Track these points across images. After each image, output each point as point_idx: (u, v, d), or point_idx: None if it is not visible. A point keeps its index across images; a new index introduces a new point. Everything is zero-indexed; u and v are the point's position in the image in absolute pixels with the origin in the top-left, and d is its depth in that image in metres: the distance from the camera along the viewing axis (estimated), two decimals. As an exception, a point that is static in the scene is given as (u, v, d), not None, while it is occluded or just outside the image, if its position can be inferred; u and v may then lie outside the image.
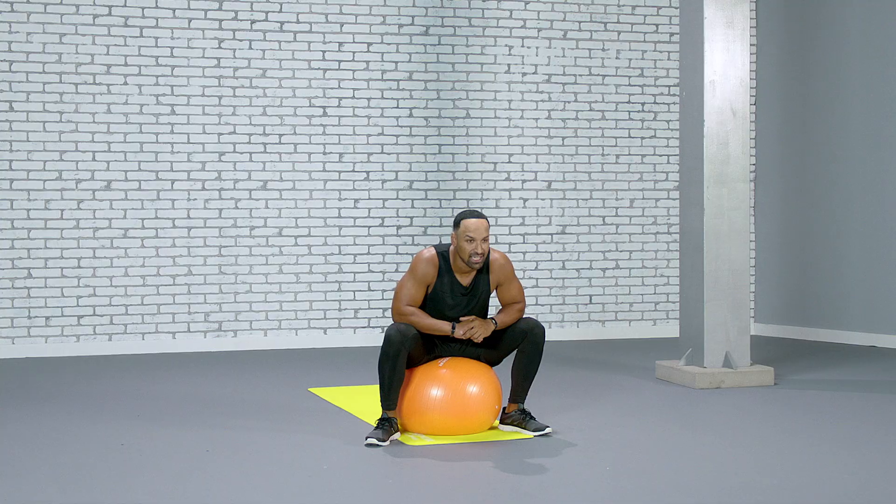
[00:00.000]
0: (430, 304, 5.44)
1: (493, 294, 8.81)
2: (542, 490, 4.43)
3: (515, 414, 5.56)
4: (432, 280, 5.41)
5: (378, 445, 5.25)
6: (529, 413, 5.58)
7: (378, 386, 5.46)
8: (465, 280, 5.45)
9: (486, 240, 5.33)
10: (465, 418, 5.42)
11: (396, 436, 5.39)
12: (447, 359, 5.52)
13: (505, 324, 5.43)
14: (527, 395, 5.61)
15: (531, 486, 4.50)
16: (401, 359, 5.32)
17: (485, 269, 5.48)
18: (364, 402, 6.51)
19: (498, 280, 5.52)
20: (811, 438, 5.43)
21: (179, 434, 5.60)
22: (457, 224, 5.36)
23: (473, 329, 5.34)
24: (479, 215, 5.34)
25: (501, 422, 5.64)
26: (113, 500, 4.32)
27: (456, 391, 5.38)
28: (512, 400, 5.59)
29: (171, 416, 6.10)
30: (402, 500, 4.30)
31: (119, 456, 5.10)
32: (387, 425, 5.35)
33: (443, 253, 5.44)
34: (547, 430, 5.46)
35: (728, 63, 7.13)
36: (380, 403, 5.56)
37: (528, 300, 9.81)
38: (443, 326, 5.38)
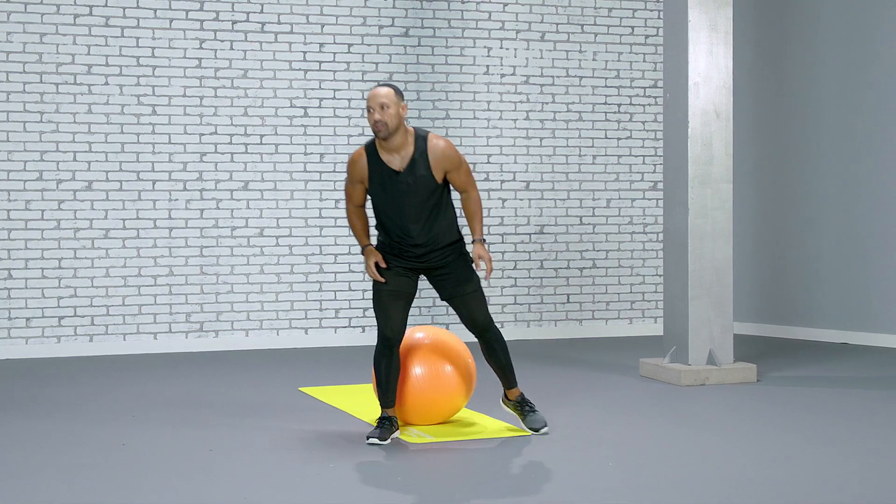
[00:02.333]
0: (373, 198, 5.28)
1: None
2: (542, 488, 4.50)
3: (517, 401, 5.61)
4: (364, 173, 5.27)
5: (379, 445, 5.31)
6: (529, 403, 5.62)
7: (374, 385, 5.51)
8: (395, 164, 5.20)
9: (385, 107, 5.08)
10: (441, 397, 5.61)
11: (396, 434, 5.44)
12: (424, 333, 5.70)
13: (482, 229, 5.38)
14: (515, 377, 5.63)
15: (532, 483, 4.57)
16: (395, 356, 5.38)
17: (422, 153, 5.22)
18: (357, 400, 6.56)
19: (443, 167, 5.23)
20: (798, 434, 5.56)
21: (179, 434, 5.62)
22: None
23: (486, 267, 5.31)
24: (384, 85, 5.17)
25: (504, 403, 5.71)
26: (122, 500, 4.34)
27: (433, 369, 5.60)
28: (507, 386, 5.62)
29: (167, 417, 6.11)
30: (405, 498, 4.36)
31: (122, 456, 5.11)
32: (387, 424, 5.40)
33: (371, 143, 5.28)
34: (543, 430, 5.53)
35: (712, 66, 7.25)
36: (378, 402, 5.60)
37: (506, 300, 9.91)
38: (359, 241, 5.42)
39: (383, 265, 5.35)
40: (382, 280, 5.35)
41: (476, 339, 5.60)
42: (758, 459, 4.95)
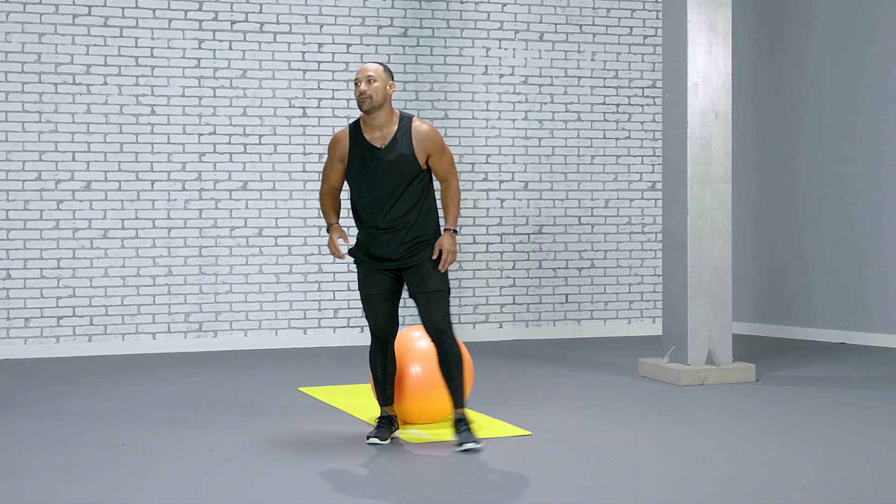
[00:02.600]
0: (350, 177, 5.21)
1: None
2: (542, 487, 4.51)
3: (454, 419, 5.34)
4: (345, 151, 5.21)
5: (379, 444, 5.31)
6: (465, 421, 5.29)
7: (372, 384, 5.50)
8: (378, 141, 5.15)
9: (371, 80, 5.05)
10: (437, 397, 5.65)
11: (397, 433, 5.45)
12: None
13: (456, 220, 5.25)
14: (462, 398, 5.32)
15: (532, 483, 4.58)
16: (389, 353, 5.36)
17: (405, 132, 5.15)
18: (356, 400, 6.57)
19: (426, 150, 5.15)
20: (798, 433, 5.57)
21: (179, 434, 5.62)
22: None
23: (443, 258, 5.15)
24: (374, 61, 5.16)
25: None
26: (122, 500, 4.35)
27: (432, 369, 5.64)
28: (452, 404, 5.36)
29: (167, 417, 6.11)
30: (405, 498, 4.37)
31: (122, 456, 5.12)
32: (386, 423, 5.41)
33: (355, 122, 5.24)
34: (466, 446, 5.17)
35: (710, 66, 7.26)
36: (377, 401, 5.60)
37: (504, 300, 9.91)
38: (326, 219, 5.31)
39: (346, 241, 5.25)
40: (341, 256, 5.24)
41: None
42: (757, 459, 4.96)
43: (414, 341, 5.73)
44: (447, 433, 5.54)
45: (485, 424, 5.77)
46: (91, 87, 8.90)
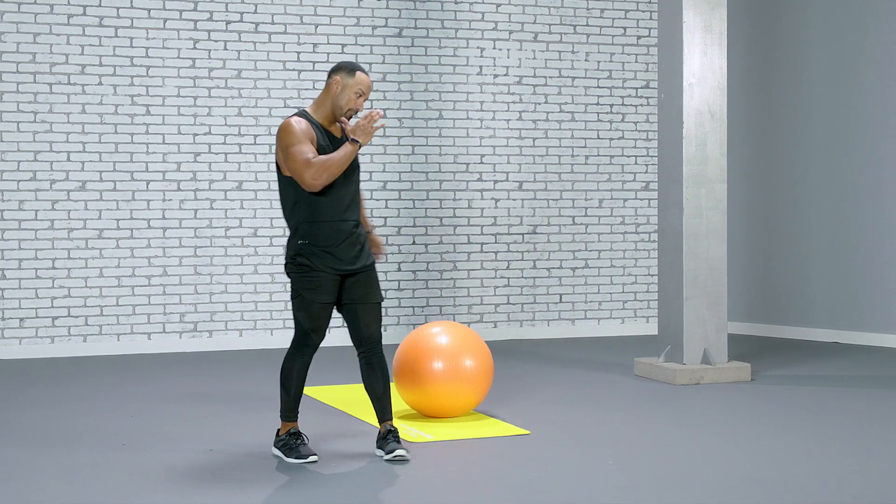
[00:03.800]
0: None
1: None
2: (542, 487, 4.53)
3: (383, 432, 5.09)
4: (313, 135, 4.92)
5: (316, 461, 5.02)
6: (395, 432, 5.09)
7: (282, 394, 5.12)
8: (336, 132, 5.02)
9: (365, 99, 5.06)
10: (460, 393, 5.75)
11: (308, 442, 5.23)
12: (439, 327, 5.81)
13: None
14: (391, 409, 5.11)
15: (532, 482, 4.60)
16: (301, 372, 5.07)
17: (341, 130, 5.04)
18: (354, 399, 6.58)
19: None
20: (795, 432, 5.60)
21: (178, 434, 5.63)
22: (351, 72, 4.95)
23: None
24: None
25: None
26: (122, 500, 4.35)
27: (454, 364, 5.74)
28: (380, 418, 5.12)
29: (166, 417, 6.12)
30: (406, 498, 4.38)
31: (122, 456, 5.12)
32: (301, 440, 5.07)
33: (302, 113, 4.98)
34: (397, 454, 4.97)
35: (706, 66, 7.29)
36: (283, 418, 5.12)
37: (499, 300, 9.93)
38: (346, 149, 4.86)
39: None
40: (382, 121, 4.96)
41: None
42: (755, 458, 4.99)
43: (433, 337, 5.76)
44: (448, 433, 5.56)
45: (488, 425, 5.79)
46: (86, 87, 8.89)
